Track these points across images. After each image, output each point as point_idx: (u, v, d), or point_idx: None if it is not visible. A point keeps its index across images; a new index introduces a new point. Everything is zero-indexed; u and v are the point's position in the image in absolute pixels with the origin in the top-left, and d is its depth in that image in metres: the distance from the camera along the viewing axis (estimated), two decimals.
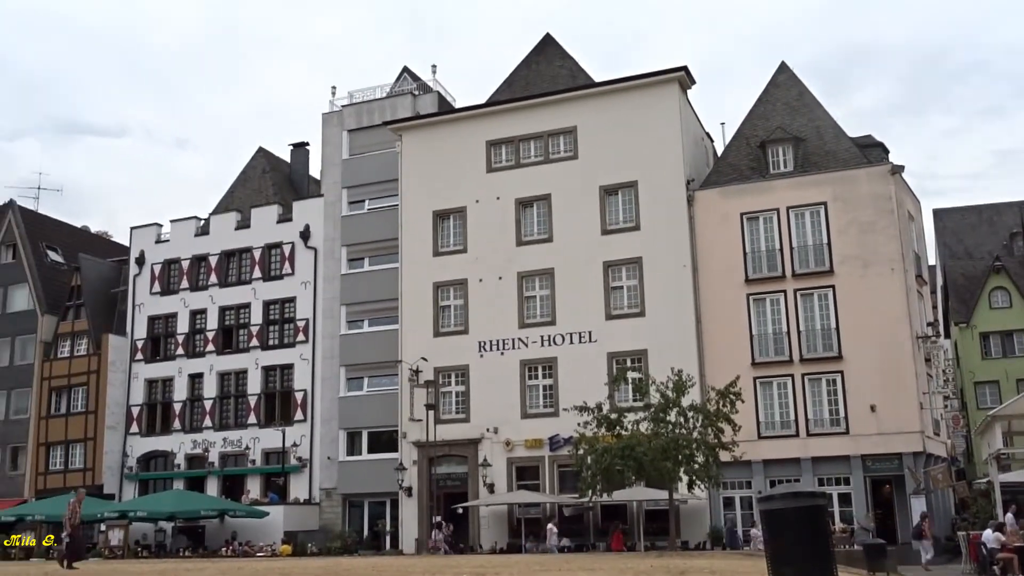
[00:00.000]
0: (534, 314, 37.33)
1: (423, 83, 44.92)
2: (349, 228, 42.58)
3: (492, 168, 39.05)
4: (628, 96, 37.65)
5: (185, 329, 45.23)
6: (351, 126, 43.89)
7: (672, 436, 27.89)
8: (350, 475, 40.10)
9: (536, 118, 38.64)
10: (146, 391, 45.64)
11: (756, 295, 34.91)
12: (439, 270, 38.86)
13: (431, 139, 40.46)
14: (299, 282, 43.24)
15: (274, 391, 43.03)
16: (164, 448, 44.54)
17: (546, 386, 36.55)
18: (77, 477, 44.55)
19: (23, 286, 48.91)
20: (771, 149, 36.73)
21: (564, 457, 34.29)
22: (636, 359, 34.85)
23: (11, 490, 46.24)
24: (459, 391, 37.75)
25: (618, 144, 37.06)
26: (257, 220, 44.85)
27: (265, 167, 49.27)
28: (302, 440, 41.47)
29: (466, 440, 36.83)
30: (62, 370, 46.64)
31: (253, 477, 42.42)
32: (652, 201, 36.32)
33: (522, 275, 37.58)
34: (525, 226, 38.22)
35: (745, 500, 33.89)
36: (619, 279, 36.47)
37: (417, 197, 39.88)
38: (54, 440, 46.15)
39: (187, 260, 45.84)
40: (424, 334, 38.37)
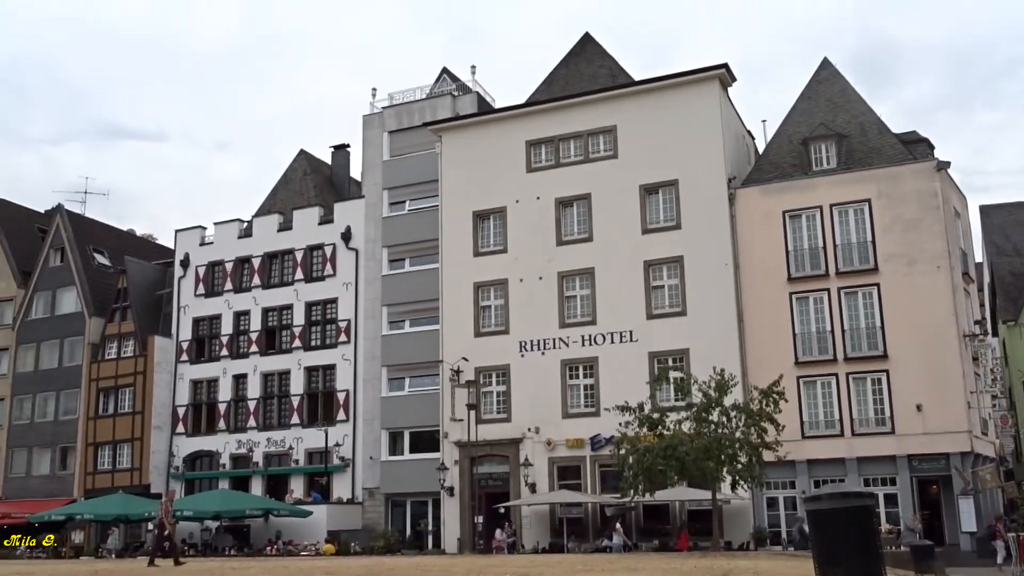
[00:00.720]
0: (575, 314, 37.28)
1: (463, 84, 45.06)
2: (390, 229, 42.82)
3: (532, 168, 39.06)
4: (668, 94, 37.48)
5: (229, 330, 45.76)
6: (391, 127, 44.14)
7: (715, 436, 27.75)
8: (392, 475, 40.33)
9: (576, 117, 38.59)
10: (191, 392, 46.25)
11: (799, 294, 34.60)
12: (479, 270, 38.95)
13: (471, 140, 40.56)
14: (341, 283, 43.55)
15: (317, 391, 43.39)
16: (209, 448, 45.11)
17: (587, 386, 36.49)
18: (125, 477, 45.28)
19: (71, 289, 49.76)
20: (814, 146, 36.37)
21: (606, 457, 34.20)
22: (677, 358, 34.69)
23: (61, 489, 47.04)
24: (500, 391, 37.81)
25: (658, 143, 36.91)
26: (299, 222, 45.26)
27: (306, 169, 49.71)
28: (345, 440, 41.77)
29: (507, 440, 36.88)
30: (109, 371, 47.38)
31: (297, 477, 42.82)
32: (693, 200, 36.13)
33: (562, 275, 37.55)
34: (565, 226, 38.18)
35: (789, 500, 33.60)
36: (660, 278, 36.31)
37: (457, 198, 40.01)
38: (102, 440, 46.90)
39: (231, 262, 46.38)
40: (465, 334, 38.48)
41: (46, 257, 50.81)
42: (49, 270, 50.65)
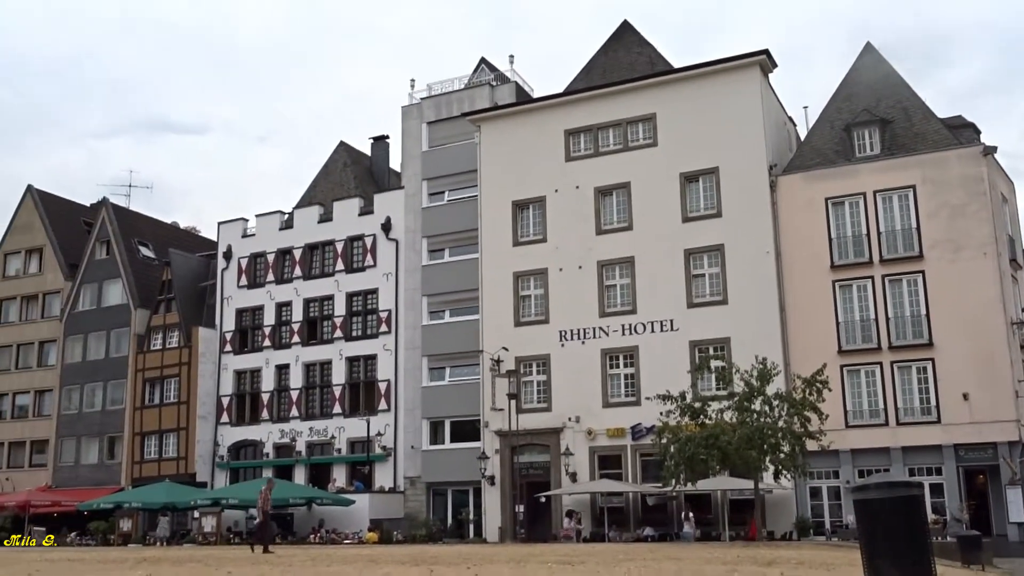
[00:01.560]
0: (615, 303, 37.21)
1: (501, 73, 45.05)
2: (429, 219, 42.98)
3: (571, 157, 38.98)
4: (708, 81, 37.19)
5: (271, 321, 46.24)
6: (430, 118, 44.26)
7: (757, 425, 27.58)
8: (433, 464, 40.57)
9: (615, 106, 38.43)
10: (235, 382, 46.82)
11: (842, 281, 34.24)
12: (519, 260, 38.97)
13: (509, 129, 40.56)
14: (381, 274, 43.81)
15: (358, 381, 43.74)
16: (253, 437, 45.66)
17: (628, 375, 36.41)
18: (171, 465, 45.98)
19: (117, 281, 50.54)
20: (857, 132, 35.93)
21: (647, 446, 34.13)
22: (719, 347, 34.50)
23: (109, 478, 47.89)
24: (540, 380, 37.86)
25: (698, 130, 36.67)
26: (339, 213, 45.58)
27: (346, 161, 50.03)
28: (386, 429, 42.07)
29: (548, 429, 36.93)
30: (155, 362, 48.10)
31: (339, 466, 43.20)
32: (734, 187, 35.86)
33: (602, 264, 37.48)
34: (605, 215, 38.08)
35: (832, 490, 33.36)
36: (701, 267, 36.12)
37: (496, 187, 40.04)
38: (148, 430, 47.64)
39: (272, 254, 46.83)
40: (505, 324, 38.56)
41: (92, 250, 51.64)
42: (95, 263, 51.47)
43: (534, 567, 15.13)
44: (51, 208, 54.71)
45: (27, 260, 54.24)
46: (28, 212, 54.50)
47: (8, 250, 54.73)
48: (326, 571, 14.67)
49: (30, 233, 54.10)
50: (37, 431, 51.34)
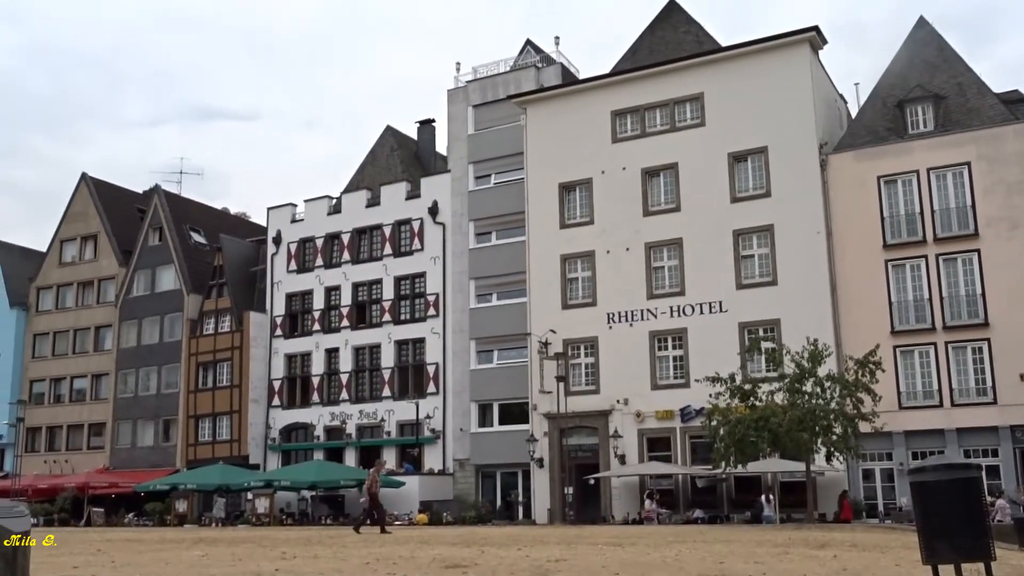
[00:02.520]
0: (663, 284, 37.01)
1: (546, 55, 44.86)
2: (476, 203, 43.03)
3: (617, 138, 38.75)
4: (757, 59, 36.72)
5: (321, 305, 46.69)
6: (476, 101, 44.23)
7: (808, 407, 27.30)
8: (482, 446, 40.76)
9: (662, 86, 38.11)
10: (286, 365, 47.38)
11: (895, 261, 33.71)
12: (566, 242, 38.90)
13: (555, 111, 40.40)
14: (428, 257, 44.00)
15: (407, 364, 44.03)
16: (304, 420, 46.22)
17: (676, 357, 36.24)
18: (224, 448, 46.72)
19: (170, 267, 51.34)
20: (909, 108, 35.26)
21: (696, 428, 33.99)
22: (768, 328, 34.19)
23: (164, 460, 48.82)
24: (588, 363, 37.81)
25: (747, 109, 36.24)
26: (386, 197, 45.81)
27: (393, 145, 50.22)
28: (435, 412, 42.34)
29: (596, 412, 36.91)
30: (208, 346, 48.84)
31: (388, 448, 43.58)
32: (783, 167, 35.42)
33: (650, 245, 37.27)
34: (652, 196, 37.84)
35: (885, 472, 32.98)
36: (750, 247, 35.77)
37: (543, 170, 39.95)
38: (202, 413, 48.44)
39: (321, 238, 47.24)
40: (552, 306, 38.54)
41: (145, 236, 52.49)
42: (148, 249, 52.31)
43: (584, 548, 15.15)
44: (105, 196, 55.69)
45: (82, 247, 55.31)
46: (83, 200, 55.53)
47: (64, 237, 55.84)
48: (378, 551, 14.83)
49: (85, 221, 55.14)
50: (94, 414, 52.48)
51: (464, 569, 10.99)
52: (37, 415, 53.36)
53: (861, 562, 12.06)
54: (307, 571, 11.16)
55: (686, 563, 11.70)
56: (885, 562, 12.04)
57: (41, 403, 54.20)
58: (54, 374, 54.51)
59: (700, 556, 13.00)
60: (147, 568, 12.24)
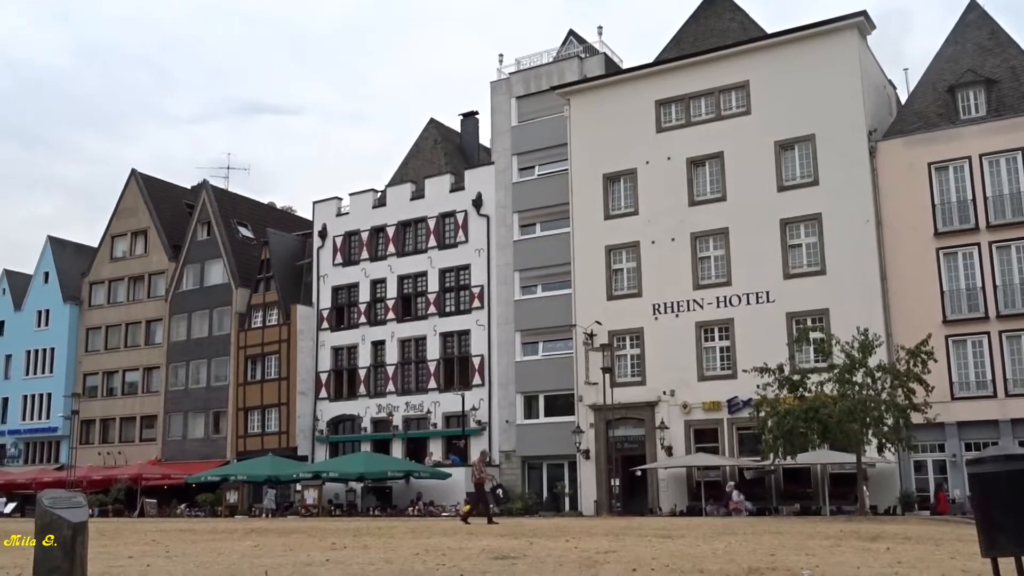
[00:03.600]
0: (709, 275, 36.72)
1: (589, 46, 44.64)
2: (520, 194, 42.99)
3: (662, 128, 38.48)
4: (803, 46, 36.22)
5: (366, 298, 46.99)
6: (519, 93, 44.16)
7: (859, 398, 26.96)
8: (528, 438, 40.79)
9: (706, 74, 37.75)
10: (333, 358, 47.76)
11: (947, 249, 33.10)
12: (611, 233, 38.72)
13: (599, 101, 40.20)
14: (473, 249, 44.06)
15: (452, 356, 44.18)
16: (351, 412, 46.56)
17: (723, 348, 35.95)
18: (273, 440, 47.26)
19: (218, 261, 51.97)
20: (961, 93, 34.58)
21: (744, 419, 33.72)
22: (817, 319, 33.79)
23: (215, 452, 49.50)
24: (634, 354, 37.66)
25: (793, 97, 35.77)
26: (431, 190, 45.94)
27: (437, 138, 50.33)
28: (481, 404, 42.44)
29: (643, 403, 36.76)
30: (256, 339, 49.39)
31: (435, 440, 43.80)
32: (831, 154, 34.93)
33: (695, 235, 36.98)
34: (697, 185, 37.53)
35: (938, 463, 32.45)
36: (797, 237, 35.35)
37: (586, 161, 39.79)
38: (251, 405, 49.01)
39: (366, 231, 47.51)
40: (597, 298, 38.41)
41: (194, 231, 53.17)
42: (197, 243, 52.99)
43: (633, 540, 15.10)
44: (154, 191, 56.49)
45: (133, 242, 56.20)
46: (133, 196, 56.39)
47: (115, 233, 56.77)
48: (426, 543, 14.89)
49: (135, 216, 56.00)
50: (146, 407, 53.35)
51: (513, 560, 11.00)
52: (91, 408, 54.38)
53: (915, 554, 11.88)
54: (357, 561, 11.24)
55: (736, 555, 11.61)
56: (940, 555, 11.85)
57: (95, 396, 55.24)
58: (107, 368, 55.51)
59: (750, 548, 12.89)
60: (200, 558, 12.40)
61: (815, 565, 10.14)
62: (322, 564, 10.96)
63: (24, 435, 57.57)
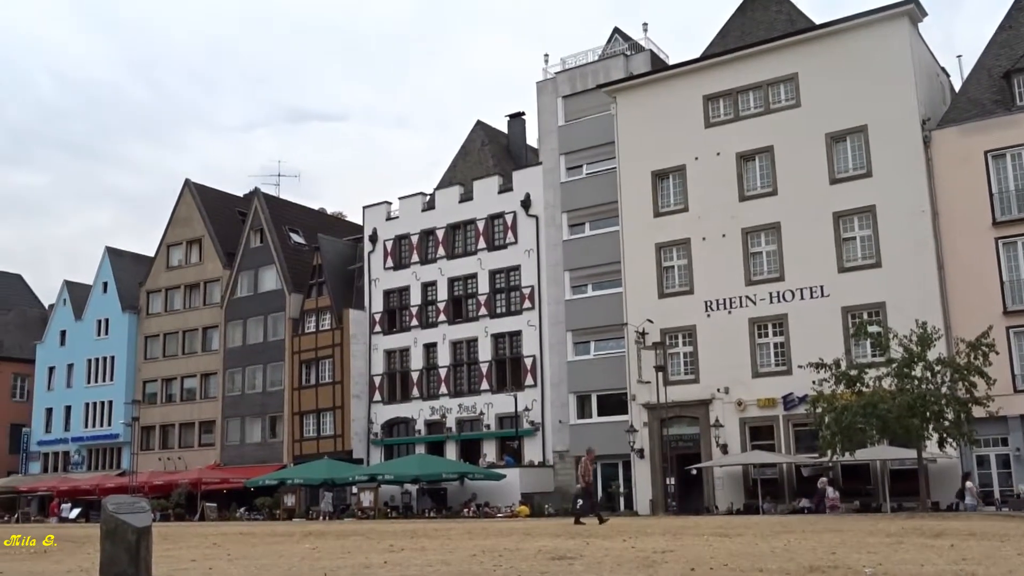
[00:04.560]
0: (761, 270, 36.34)
1: (635, 43, 44.44)
2: (568, 194, 42.93)
3: (710, 123, 38.17)
4: (852, 36, 35.68)
5: (418, 301, 47.25)
6: (565, 92, 44.10)
7: (918, 392, 26.49)
8: (582, 438, 40.53)
9: (754, 68, 37.37)
10: (385, 361, 48.09)
11: (1006, 239, 32.37)
12: (660, 231, 38.50)
13: (646, 98, 39.99)
14: (522, 250, 44.09)
15: (504, 358, 44.24)
16: (405, 415, 46.85)
17: (777, 344, 35.55)
18: (329, 443, 47.71)
19: (271, 267, 52.63)
20: (1017, 79, 33.79)
21: (800, 416, 33.32)
22: (873, 312, 33.27)
23: (272, 456, 50.13)
24: (687, 352, 37.39)
25: (844, 88, 35.25)
26: (479, 192, 46.06)
27: (484, 139, 50.46)
28: (533, 404, 42.44)
29: (696, 401, 36.49)
30: (309, 344, 49.91)
31: (488, 441, 43.91)
32: (884, 145, 34.36)
33: (747, 231, 36.62)
34: (747, 180, 37.16)
35: (1001, 458, 31.74)
36: (851, 229, 34.83)
37: (634, 158, 39.61)
38: (306, 409, 49.54)
39: (416, 235, 47.78)
40: (648, 296, 38.21)
41: (247, 238, 53.90)
42: (250, 251, 53.71)
43: (690, 539, 15.00)
44: (207, 200, 57.40)
45: (188, 251, 57.15)
46: (187, 205, 57.34)
47: (170, 242, 57.78)
48: (483, 543, 14.94)
49: (189, 225, 56.95)
50: (204, 412, 54.21)
51: (570, 560, 10.98)
52: (151, 414, 55.42)
53: (980, 551, 11.65)
54: (415, 563, 11.30)
55: (796, 553, 11.48)
56: (1006, 551, 11.61)
57: (154, 403, 56.28)
58: (165, 374, 56.50)
59: (810, 546, 12.73)
60: (261, 561, 12.57)
61: (877, 563, 9.99)
62: (380, 566, 11.04)
63: (87, 442, 58.85)
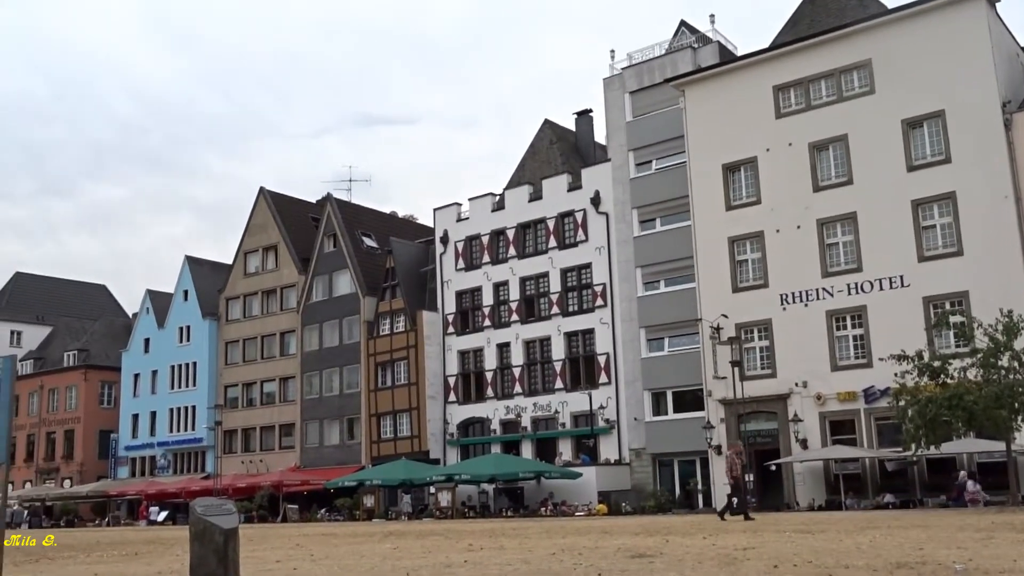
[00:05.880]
0: (837, 262, 35.65)
1: (702, 35, 43.99)
2: (638, 190, 42.68)
3: (781, 114, 37.57)
4: (927, 18, 34.77)
5: (490, 301, 47.45)
6: (632, 87, 43.84)
7: (1006, 382, 25.67)
8: (658, 435, 40.44)
9: (826, 55, 36.67)
10: (459, 362, 48.40)
11: None
12: (733, 224, 38.01)
13: (714, 91, 39.52)
14: (593, 248, 43.97)
15: (577, 356, 44.18)
16: (480, 415, 47.09)
17: (856, 336, 34.84)
18: (406, 444, 48.20)
19: (345, 272, 53.37)
20: None
21: (882, 409, 32.59)
22: (956, 302, 32.40)
23: (350, 458, 50.83)
24: (763, 346, 36.87)
25: (920, 72, 34.38)
26: (548, 191, 46.06)
27: (552, 138, 50.45)
28: (608, 402, 42.30)
29: (774, 396, 35.96)
30: (384, 346, 50.49)
31: (564, 439, 43.89)
32: (963, 130, 33.42)
33: (822, 222, 35.95)
34: (821, 170, 36.48)
35: None
36: (930, 217, 33.97)
37: (704, 152, 39.18)
38: (383, 411, 50.12)
39: (486, 235, 47.99)
40: (722, 290, 37.77)
41: (321, 244, 54.74)
42: (324, 256, 54.53)
43: (771, 536, 14.79)
44: (281, 207, 58.47)
45: (264, 257, 58.27)
46: (262, 213, 58.47)
47: (247, 249, 58.98)
48: (561, 542, 14.94)
49: (265, 232, 58.05)
50: (284, 415, 55.21)
51: (651, 559, 10.92)
52: (232, 418, 56.65)
53: None
54: (495, 562, 11.35)
55: (882, 550, 11.24)
56: None
57: (235, 407, 57.52)
58: (245, 379, 57.70)
59: (897, 542, 12.46)
60: (344, 561, 12.75)
61: (968, 559, 9.73)
62: (461, 565, 11.11)
63: (172, 446, 60.44)
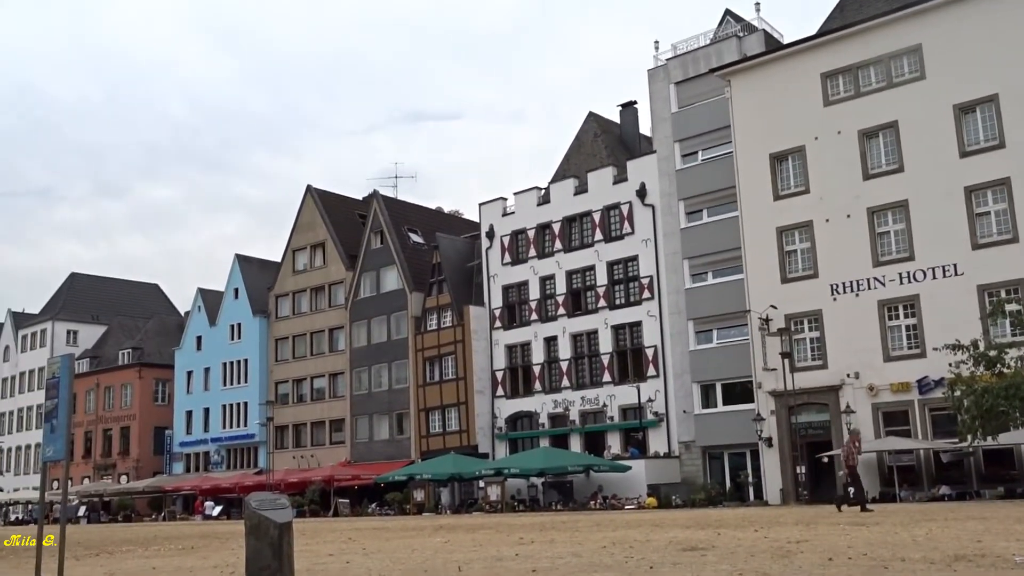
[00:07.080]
0: (889, 250, 35.11)
1: (747, 23, 43.50)
2: (684, 181, 42.38)
3: (829, 101, 37.05)
4: (978, 1, 34.06)
5: (536, 295, 47.44)
6: (677, 78, 43.51)
7: None
8: (707, 427, 40.17)
9: (874, 41, 36.08)
10: (507, 356, 48.47)
11: None
12: (781, 214, 37.60)
13: (761, 80, 39.09)
14: (640, 240, 43.77)
15: (625, 349, 44.04)
16: (528, 409, 47.15)
17: (909, 326, 34.31)
18: (454, 438, 48.41)
19: (392, 268, 53.70)
20: None
21: (937, 400, 32.06)
22: (1012, 289, 31.76)
23: (400, 452, 51.17)
24: (813, 337, 36.43)
25: (971, 56, 33.70)
26: (594, 184, 45.93)
27: (596, 131, 50.28)
28: (656, 395, 42.12)
29: (825, 387, 35.54)
30: (432, 341, 50.74)
31: (612, 433, 43.80)
32: (1017, 113, 32.69)
33: (872, 210, 35.42)
34: (871, 158, 35.93)
35: None
36: (984, 204, 33.31)
37: (751, 141, 38.78)
38: (431, 406, 50.39)
39: (532, 229, 47.97)
40: (771, 281, 37.38)
41: (368, 240, 55.12)
42: (371, 252, 54.91)
43: (825, 529, 14.65)
44: (328, 204, 58.97)
45: (312, 255, 58.83)
46: (309, 210, 59.02)
47: (295, 247, 59.59)
48: (612, 535, 14.92)
49: (312, 230, 58.59)
50: (334, 411, 55.74)
51: (703, 552, 10.87)
52: (283, 414, 57.32)
53: None
54: (546, 555, 11.37)
55: (939, 542, 11.07)
56: None
57: (286, 403, 58.18)
58: (295, 375, 58.33)
59: (953, 535, 12.27)
60: (396, 554, 12.85)
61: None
62: (512, 559, 11.15)
63: (225, 442, 61.34)
